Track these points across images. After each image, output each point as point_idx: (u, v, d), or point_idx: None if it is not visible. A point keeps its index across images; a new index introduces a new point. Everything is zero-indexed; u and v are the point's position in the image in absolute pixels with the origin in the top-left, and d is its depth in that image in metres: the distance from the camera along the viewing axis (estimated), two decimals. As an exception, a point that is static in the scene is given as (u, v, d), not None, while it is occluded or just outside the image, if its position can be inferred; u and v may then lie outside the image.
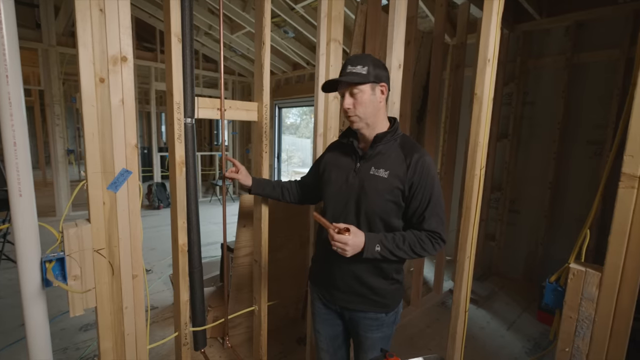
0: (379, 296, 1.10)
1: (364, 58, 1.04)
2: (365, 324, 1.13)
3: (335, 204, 1.11)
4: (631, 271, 0.83)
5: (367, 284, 1.09)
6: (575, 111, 2.92)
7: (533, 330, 2.51)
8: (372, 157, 1.07)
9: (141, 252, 1.13)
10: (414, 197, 1.02)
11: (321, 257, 1.19)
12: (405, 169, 1.02)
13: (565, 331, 0.92)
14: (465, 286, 1.19)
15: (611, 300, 0.86)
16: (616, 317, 0.85)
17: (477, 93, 1.09)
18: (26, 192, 0.92)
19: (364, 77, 1.00)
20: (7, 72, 0.86)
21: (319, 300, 1.23)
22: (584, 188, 2.91)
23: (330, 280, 1.15)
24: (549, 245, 3.14)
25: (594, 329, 0.88)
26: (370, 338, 1.13)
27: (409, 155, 1.03)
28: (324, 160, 1.22)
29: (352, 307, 1.13)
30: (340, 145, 1.17)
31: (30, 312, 0.96)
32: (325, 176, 1.18)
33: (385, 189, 1.03)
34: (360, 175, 1.07)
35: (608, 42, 2.70)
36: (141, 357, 1.17)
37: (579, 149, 2.93)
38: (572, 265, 0.91)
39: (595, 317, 0.88)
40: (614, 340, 0.86)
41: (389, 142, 1.07)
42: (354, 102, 1.03)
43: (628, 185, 0.81)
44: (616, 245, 0.85)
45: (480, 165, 1.10)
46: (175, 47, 1.13)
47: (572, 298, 0.90)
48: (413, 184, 1.02)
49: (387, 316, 1.13)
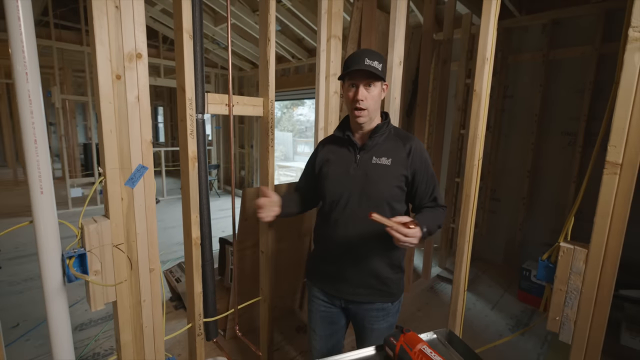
0: (386, 286, 1.14)
1: (379, 55, 1.06)
2: (371, 315, 1.16)
3: (338, 196, 1.12)
4: (613, 248, 0.95)
5: (379, 274, 1.13)
6: (551, 104, 3.11)
7: (514, 308, 2.70)
8: (371, 147, 1.11)
9: (157, 246, 1.15)
10: (421, 181, 1.10)
11: (329, 253, 1.18)
12: (405, 156, 1.09)
13: (556, 302, 1.04)
14: (465, 267, 1.30)
15: (596, 273, 0.97)
16: (600, 288, 0.97)
17: (477, 90, 1.18)
18: (47, 190, 0.93)
19: (381, 73, 1.04)
20: (26, 70, 0.85)
21: (318, 298, 1.23)
22: (559, 176, 3.12)
23: (339, 275, 1.15)
24: (527, 231, 3.35)
25: (581, 299, 1.00)
26: (377, 329, 1.16)
27: (407, 143, 1.10)
28: (318, 156, 1.22)
29: (360, 299, 1.15)
30: (335, 139, 1.19)
31: (52, 307, 0.97)
32: (323, 171, 1.18)
33: (391, 176, 1.08)
34: (363, 166, 1.10)
35: (581, 39, 2.88)
36: (158, 348, 1.20)
37: (554, 140, 3.13)
38: (562, 244, 1.02)
39: (582, 288, 0.99)
40: (598, 308, 0.98)
41: (384, 134, 1.12)
42: (367, 95, 1.05)
43: (611, 172, 0.92)
44: (600, 225, 0.96)
45: (478, 157, 1.20)
46: (187, 44, 1.14)
47: (562, 272, 1.02)
48: (416, 169, 1.09)
49: (392, 305, 1.17)
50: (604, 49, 2.76)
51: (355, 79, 1.05)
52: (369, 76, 1.04)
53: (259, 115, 1.45)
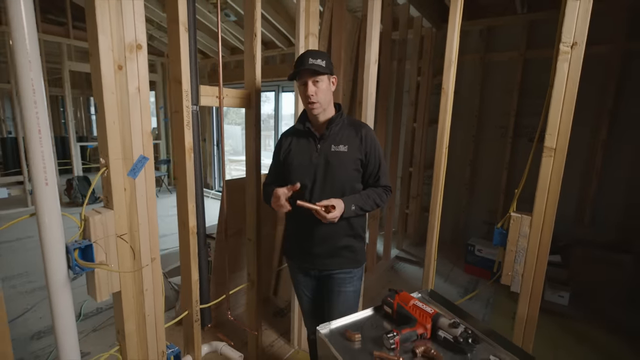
0: (352, 253, 1.31)
1: (321, 53, 1.23)
2: (340, 279, 1.31)
3: (303, 181, 1.25)
4: (550, 215, 1.21)
5: (342, 244, 1.29)
6: (487, 101, 3.56)
7: (462, 280, 3.10)
8: (328, 137, 1.26)
9: (157, 236, 1.17)
10: (369, 163, 1.26)
11: (298, 232, 1.33)
12: (359, 142, 1.25)
13: (508, 260, 1.29)
14: (435, 240, 1.52)
15: (537, 235, 1.24)
16: (540, 246, 1.24)
17: (444, 87, 1.38)
18: (51, 181, 0.91)
19: (324, 69, 1.19)
20: (29, 58, 0.83)
21: (297, 271, 1.41)
22: (494, 164, 3.60)
23: (309, 250, 1.31)
24: (469, 212, 3.82)
25: (527, 256, 1.26)
26: (345, 292, 1.32)
27: (359, 130, 1.26)
28: (282, 148, 1.34)
29: (330, 267, 1.31)
30: (296, 131, 1.33)
31: (58, 300, 0.96)
32: (288, 160, 1.31)
33: (349, 160, 1.24)
34: (323, 153, 1.25)
35: (510, 45, 3.34)
36: (160, 336, 1.22)
37: (490, 132, 3.59)
38: (513, 214, 1.27)
39: (527, 247, 1.25)
40: (539, 262, 1.25)
41: (339, 124, 1.27)
42: (316, 90, 1.20)
43: (547, 155, 1.17)
44: (540, 197, 1.22)
45: (445, 145, 1.41)
46: (183, 37, 1.16)
47: (512, 236, 1.27)
48: (367, 153, 1.25)
49: (357, 270, 1.34)
50: (528, 54, 3.24)
51: (303, 78, 1.21)
52: (313, 74, 1.19)
53: (245, 107, 1.51)
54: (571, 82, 1.12)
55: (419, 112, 3.58)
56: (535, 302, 1.28)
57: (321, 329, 0.99)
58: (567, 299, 2.58)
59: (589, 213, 3.10)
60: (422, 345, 0.90)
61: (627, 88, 2.86)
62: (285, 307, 2.55)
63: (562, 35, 1.11)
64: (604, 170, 3.02)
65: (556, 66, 1.13)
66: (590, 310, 2.55)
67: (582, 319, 2.45)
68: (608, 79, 2.89)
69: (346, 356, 0.88)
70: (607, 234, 3.02)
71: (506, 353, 0.90)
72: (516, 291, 1.30)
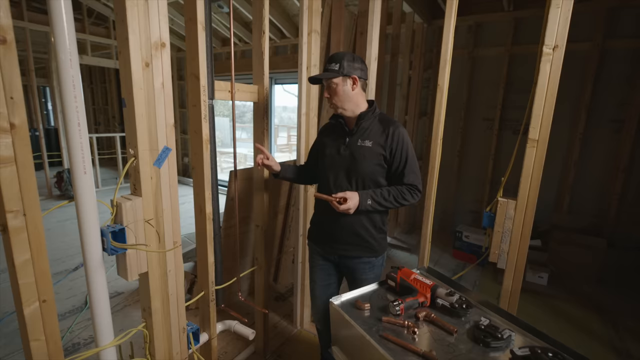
0: (370, 243, 1.38)
1: (339, 56, 1.29)
2: (360, 267, 1.41)
3: (332, 172, 1.38)
4: (532, 199, 1.37)
5: (362, 234, 1.37)
6: (475, 94, 3.73)
7: (451, 264, 3.30)
8: (357, 132, 1.36)
9: (179, 222, 1.27)
10: (394, 160, 1.31)
11: (321, 218, 1.46)
12: (384, 139, 1.31)
13: (495, 240, 1.45)
14: (430, 224, 1.66)
15: (521, 217, 1.39)
16: (524, 227, 1.39)
17: (440, 84, 1.51)
18: (89, 170, 0.99)
19: (335, 73, 1.29)
20: (70, 57, 0.91)
21: (317, 254, 1.51)
22: (480, 154, 3.78)
23: (331, 236, 1.41)
24: (458, 200, 4.01)
25: (512, 236, 1.41)
26: (365, 279, 1.40)
27: (387, 127, 1.32)
28: (318, 141, 1.50)
29: (350, 254, 1.40)
30: (331, 126, 1.45)
31: (94, 279, 1.05)
32: (320, 152, 1.45)
33: (372, 155, 1.33)
34: (350, 147, 1.35)
35: (497, 41, 3.50)
36: (181, 313, 1.33)
37: (477, 124, 3.77)
38: (500, 199, 1.42)
39: (512, 228, 1.41)
40: (522, 242, 1.40)
41: (369, 119, 1.36)
42: (331, 92, 1.32)
43: (531, 145, 1.32)
44: (524, 183, 1.37)
45: (440, 136, 1.54)
46: (201, 35, 1.24)
47: (500, 218, 1.42)
48: (392, 149, 1.30)
49: (376, 259, 1.42)
50: (513, 50, 3.41)
51: (321, 82, 1.36)
52: (326, 78, 1.31)
53: (254, 101, 1.60)
54: (552, 81, 1.26)
55: (410, 105, 3.72)
56: (518, 277, 1.44)
57: (334, 301, 1.12)
58: (546, 279, 2.80)
59: (567, 201, 3.33)
60: (423, 311, 1.03)
61: (601, 84, 3.07)
62: (285, 292, 2.68)
63: (545, 39, 1.24)
64: (580, 162, 3.24)
65: (540, 66, 1.26)
66: (566, 289, 2.78)
67: (560, 297, 2.67)
68: (586, 77, 3.08)
69: (358, 322, 1.00)
70: (582, 220, 3.25)
71: (494, 315, 1.05)
72: (502, 267, 1.45)
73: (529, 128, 1.33)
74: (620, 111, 3.03)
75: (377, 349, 0.88)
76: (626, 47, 2.94)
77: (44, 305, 0.94)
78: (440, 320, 1.00)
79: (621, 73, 2.99)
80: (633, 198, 3.06)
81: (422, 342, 0.93)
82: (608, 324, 2.36)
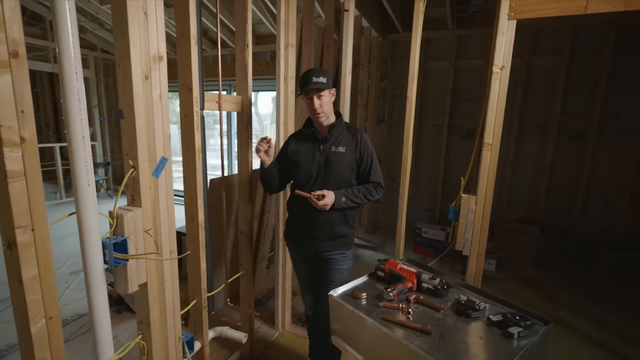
0: (344, 238, 1.54)
1: (323, 71, 1.47)
2: (335, 259, 1.54)
3: (308, 176, 1.51)
4: (489, 194, 1.61)
5: (337, 230, 1.52)
6: (426, 102, 4.10)
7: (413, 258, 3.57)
8: (330, 139, 1.51)
9: (175, 231, 1.28)
10: (362, 162, 1.50)
11: (298, 218, 1.57)
12: (355, 145, 1.51)
13: (460, 232, 1.67)
14: (403, 220, 1.85)
15: (480, 210, 1.63)
16: (483, 219, 1.63)
17: (409, 96, 1.71)
18: (92, 182, 0.99)
19: (326, 85, 1.44)
20: (76, 70, 0.91)
21: (295, 252, 1.65)
22: (431, 158, 4.16)
23: (309, 233, 1.53)
24: (414, 200, 4.34)
25: (474, 227, 1.64)
26: (339, 269, 1.55)
27: (355, 135, 1.51)
28: (289, 148, 1.58)
29: (326, 249, 1.53)
30: (302, 134, 1.58)
31: (95, 292, 1.04)
32: (294, 158, 1.55)
33: (347, 160, 1.49)
34: (325, 153, 1.50)
35: (443, 55, 3.90)
36: (177, 323, 1.33)
37: (428, 130, 4.14)
38: (463, 195, 1.65)
39: (474, 220, 1.64)
40: (482, 231, 1.64)
41: (339, 128, 1.53)
42: (320, 103, 1.45)
43: (487, 148, 1.56)
44: (482, 180, 1.61)
45: (409, 143, 1.74)
46: (194, 49, 1.28)
47: (463, 212, 1.64)
48: (361, 153, 1.51)
49: (349, 252, 1.58)
50: (457, 64, 3.83)
51: (309, 94, 1.44)
52: (317, 90, 1.43)
53: (238, 111, 1.66)
54: (501, 95, 1.51)
55: (369, 112, 3.98)
56: (480, 261, 1.67)
57: (333, 293, 1.23)
58: (494, 265, 3.18)
59: (506, 196, 3.81)
60: (412, 295, 1.19)
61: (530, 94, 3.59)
62: (262, 297, 2.71)
63: (494, 60, 1.49)
64: (515, 162, 3.74)
65: (491, 83, 1.51)
66: (510, 273, 3.18)
67: (506, 279, 3.06)
68: (516, 88, 3.58)
69: (359, 309, 1.12)
70: (519, 212, 3.75)
71: (469, 292, 1.24)
72: (467, 254, 1.68)
73: (482, 134, 1.57)
74: (545, 117, 3.57)
75: (381, 329, 1.01)
76: (545, 64, 3.48)
77: (50, 322, 0.92)
78: (427, 301, 1.16)
79: (544, 85, 3.53)
80: (556, 192, 3.62)
81: (416, 320, 1.07)
82: (545, 298, 2.77)
